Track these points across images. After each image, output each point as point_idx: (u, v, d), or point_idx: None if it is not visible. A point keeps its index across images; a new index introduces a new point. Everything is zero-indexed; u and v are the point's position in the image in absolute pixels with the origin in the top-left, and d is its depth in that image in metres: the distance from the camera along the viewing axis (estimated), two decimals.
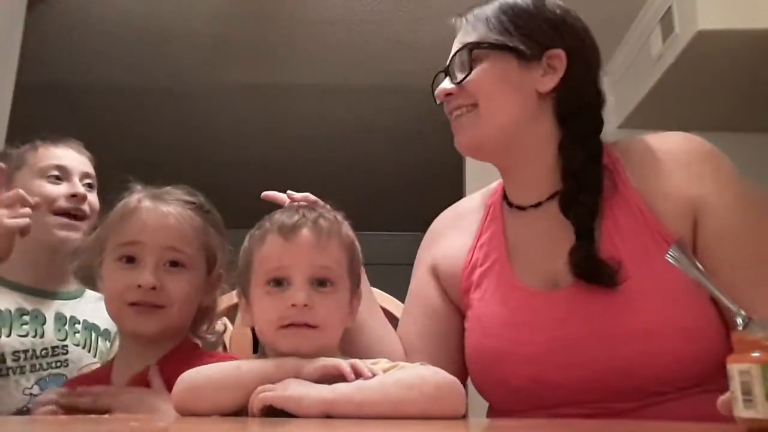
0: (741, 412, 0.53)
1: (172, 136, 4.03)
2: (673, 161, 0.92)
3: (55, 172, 1.25)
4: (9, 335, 1.17)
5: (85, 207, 1.24)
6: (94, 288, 1.05)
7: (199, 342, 1.06)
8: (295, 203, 0.95)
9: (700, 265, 0.67)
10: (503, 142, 0.97)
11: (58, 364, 1.20)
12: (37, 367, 1.18)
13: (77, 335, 1.25)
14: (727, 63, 2.47)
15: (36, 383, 1.17)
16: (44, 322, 1.22)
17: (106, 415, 0.87)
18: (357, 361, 0.76)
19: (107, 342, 1.29)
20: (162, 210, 0.98)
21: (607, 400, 0.84)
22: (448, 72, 1.00)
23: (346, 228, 0.88)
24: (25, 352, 1.18)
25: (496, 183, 1.12)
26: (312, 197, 1.03)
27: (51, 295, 1.26)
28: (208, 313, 1.06)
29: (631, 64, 2.96)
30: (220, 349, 1.25)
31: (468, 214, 1.10)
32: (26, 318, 1.20)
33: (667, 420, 0.81)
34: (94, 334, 1.27)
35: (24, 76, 2.47)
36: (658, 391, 0.84)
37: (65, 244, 1.23)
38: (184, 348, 1.00)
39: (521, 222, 1.01)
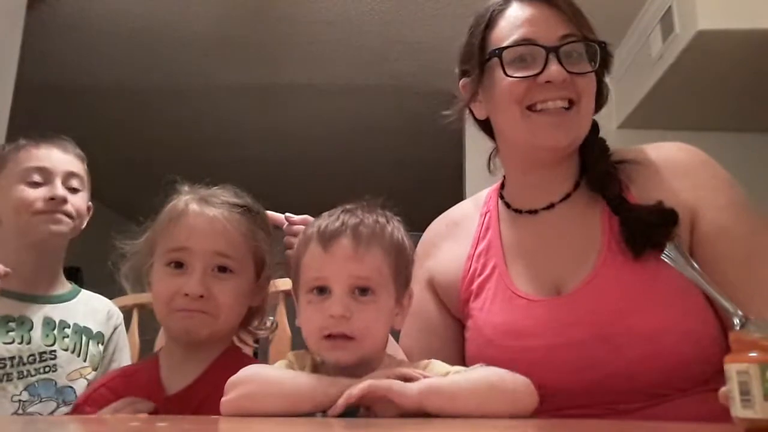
0: (739, 412, 0.52)
1: (172, 136, 4.04)
2: (671, 171, 0.93)
3: (36, 176, 1.22)
4: None
5: (67, 208, 1.22)
6: (143, 291, 1.04)
7: (250, 338, 1.07)
8: (341, 208, 0.90)
9: (696, 265, 0.67)
10: (578, 146, 0.96)
11: (47, 369, 1.19)
12: (25, 373, 1.17)
13: (66, 340, 1.23)
14: (727, 63, 2.47)
15: (25, 389, 1.16)
16: (31, 328, 1.21)
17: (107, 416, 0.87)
18: (407, 373, 0.75)
19: (99, 345, 1.28)
20: (209, 214, 0.96)
21: (610, 402, 0.84)
22: (556, 54, 0.90)
23: (392, 229, 0.85)
24: (12, 359, 1.17)
25: (487, 191, 1.10)
26: (310, 219, 1.00)
27: (39, 299, 1.24)
28: (258, 311, 1.05)
29: (631, 64, 2.96)
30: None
31: (462, 222, 1.08)
32: (12, 325, 1.18)
33: (669, 420, 0.81)
34: (84, 338, 1.26)
35: (24, 76, 2.47)
36: (660, 392, 0.84)
37: (52, 240, 1.22)
38: (231, 354, 0.99)
39: (522, 228, 1.00)
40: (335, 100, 3.63)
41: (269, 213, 1.08)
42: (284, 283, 1.31)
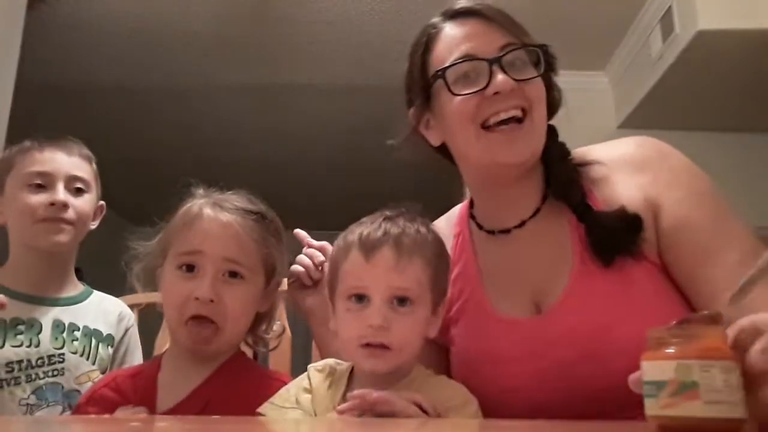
0: (653, 410, 0.52)
1: (172, 136, 4.04)
2: (630, 168, 0.92)
3: (37, 180, 1.21)
4: (2, 346, 1.15)
5: (68, 214, 1.20)
6: (154, 290, 1.04)
7: (257, 343, 1.06)
8: (382, 214, 0.88)
9: None
10: (538, 157, 0.93)
11: (55, 372, 1.19)
12: (33, 377, 1.16)
13: (75, 343, 1.23)
14: (727, 63, 2.47)
15: (32, 393, 1.16)
16: (40, 331, 1.20)
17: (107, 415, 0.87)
18: (427, 407, 0.75)
19: (109, 348, 1.27)
20: (223, 219, 0.95)
21: (603, 414, 0.82)
22: (499, 64, 0.88)
23: (432, 239, 0.85)
24: (20, 362, 1.16)
25: (458, 208, 1.08)
26: (328, 247, 1.01)
27: (49, 301, 1.23)
28: (266, 316, 1.05)
29: (631, 64, 2.96)
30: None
31: None
32: (21, 328, 1.18)
33: None
34: (94, 341, 1.25)
35: (24, 76, 2.47)
36: None
37: (56, 249, 1.22)
38: (237, 361, 0.99)
39: (496, 249, 0.97)
40: (335, 100, 3.63)
41: (296, 231, 1.10)
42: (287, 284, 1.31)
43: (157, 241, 1.00)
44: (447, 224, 1.07)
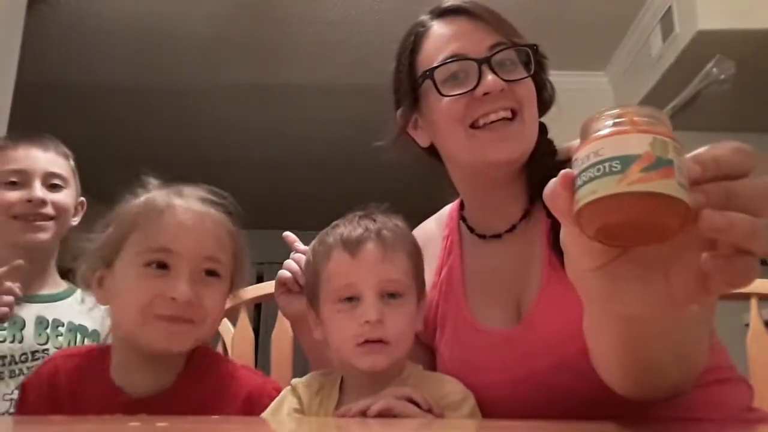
0: (611, 188, 0.42)
1: (172, 136, 4.03)
2: None
3: (12, 178, 1.21)
4: None
5: (46, 209, 1.21)
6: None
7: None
8: (355, 215, 0.88)
9: None
10: (527, 157, 0.90)
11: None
12: (17, 372, 1.16)
13: (60, 338, 1.22)
14: None
15: (16, 388, 1.16)
16: (23, 327, 1.20)
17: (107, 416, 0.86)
18: (422, 401, 0.74)
19: (96, 343, 1.28)
20: (198, 212, 0.86)
21: (594, 411, 0.78)
22: (489, 65, 0.86)
23: (408, 232, 0.86)
24: (3, 358, 1.16)
25: (447, 209, 1.06)
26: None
27: (31, 298, 1.23)
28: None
29: (631, 64, 2.96)
30: (220, 347, 1.24)
31: (427, 245, 0.98)
32: (4, 324, 1.17)
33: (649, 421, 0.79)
34: (80, 336, 1.24)
35: (24, 76, 2.47)
36: (637, 404, 0.76)
37: (34, 246, 1.21)
38: (201, 356, 0.90)
39: (486, 254, 0.95)
40: (335, 100, 3.62)
41: (285, 234, 1.07)
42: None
43: (107, 237, 0.88)
44: (437, 225, 1.06)
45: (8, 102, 2.37)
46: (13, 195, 1.21)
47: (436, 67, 0.89)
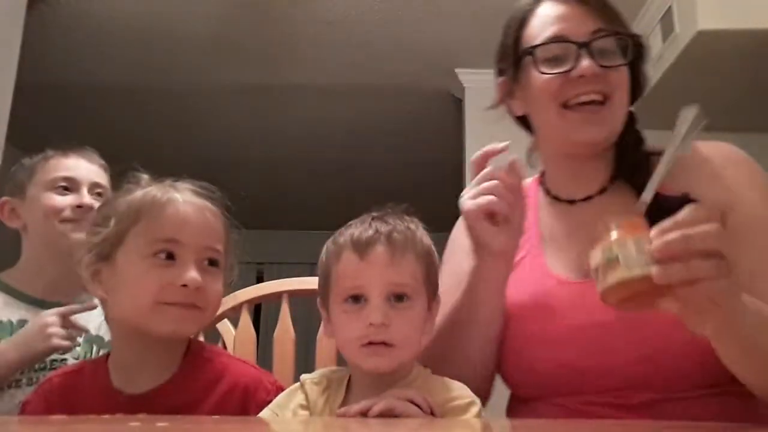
0: (600, 290, 0.65)
1: (172, 136, 4.04)
2: (709, 168, 0.95)
3: (63, 184, 1.27)
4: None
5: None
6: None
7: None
8: (369, 216, 0.88)
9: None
10: (614, 140, 0.98)
11: (40, 367, 1.19)
12: (34, 380, 1.15)
13: (77, 349, 1.22)
14: (727, 63, 2.47)
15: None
16: None
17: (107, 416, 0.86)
18: (422, 402, 0.75)
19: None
20: (198, 204, 0.92)
21: (628, 388, 0.85)
22: (588, 49, 0.92)
23: (421, 235, 0.86)
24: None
25: (528, 179, 1.12)
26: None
27: (56, 306, 1.25)
28: None
29: None
30: (220, 344, 1.24)
31: None
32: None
33: (682, 419, 0.82)
34: (95, 347, 1.25)
35: (24, 76, 2.47)
36: (678, 385, 0.84)
37: (77, 247, 1.23)
38: (197, 350, 0.94)
39: (559, 216, 1.02)
40: (335, 100, 3.63)
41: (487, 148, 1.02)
42: (289, 284, 1.31)
43: (108, 231, 0.91)
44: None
45: (8, 102, 2.37)
46: (64, 200, 1.26)
47: (538, 46, 0.95)
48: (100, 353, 1.25)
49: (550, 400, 0.91)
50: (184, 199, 0.91)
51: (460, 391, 0.82)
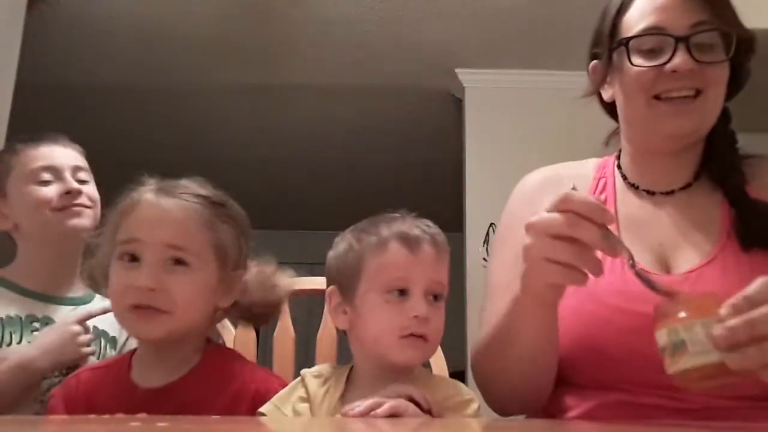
0: (668, 371, 0.62)
1: (172, 136, 4.04)
2: None
3: (45, 174, 1.23)
4: (20, 342, 1.16)
5: (83, 200, 1.23)
6: (98, 291, 1.04)
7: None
8: (401, 215, 0.90)
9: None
10: (703, 135, 0.96)
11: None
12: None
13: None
14: None
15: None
16: None
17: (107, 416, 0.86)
18: (421, 400, 0.75)
19: (114, 350, 1.28)
20: (163, 204, 0.91)
21: (680, 394, 0.80)
22: (686, 43, 0.89)
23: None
24: None
25: (594, 160, 1.09)
26: None
27: (60, 300, 1.24)
28: (226, 313, 1.00)
29: None
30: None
31: (567, 180, 0.96)
32: (36, 324, 1.19)
33: (738, 426, 0.78)
34: (103, 341, 1.25)
35: (24, 76, 2.47)
36: (738, 395, 0.80)
37: (77, 234, 1.22)
38: (213, 354, 0.95)
39: (638, 204, 0.99)
40: (335, 100, 3.63)
41: None
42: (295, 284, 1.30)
43: (103, 235, 0.95)
44: (580, 167, 1.08)
45: (8, 102, 2.37)
46: (50, 190, 1.23)
47: (634, 37, 0.93)
48: (107, 348, 1.25)
49: (593, 391, 0.87)
50: (155, 199, 0.92)
51: (459, 389, 0.83)
